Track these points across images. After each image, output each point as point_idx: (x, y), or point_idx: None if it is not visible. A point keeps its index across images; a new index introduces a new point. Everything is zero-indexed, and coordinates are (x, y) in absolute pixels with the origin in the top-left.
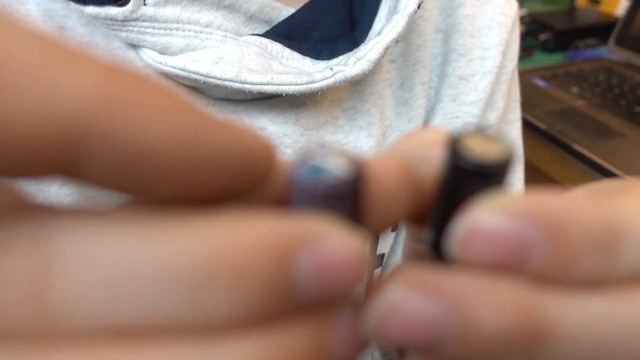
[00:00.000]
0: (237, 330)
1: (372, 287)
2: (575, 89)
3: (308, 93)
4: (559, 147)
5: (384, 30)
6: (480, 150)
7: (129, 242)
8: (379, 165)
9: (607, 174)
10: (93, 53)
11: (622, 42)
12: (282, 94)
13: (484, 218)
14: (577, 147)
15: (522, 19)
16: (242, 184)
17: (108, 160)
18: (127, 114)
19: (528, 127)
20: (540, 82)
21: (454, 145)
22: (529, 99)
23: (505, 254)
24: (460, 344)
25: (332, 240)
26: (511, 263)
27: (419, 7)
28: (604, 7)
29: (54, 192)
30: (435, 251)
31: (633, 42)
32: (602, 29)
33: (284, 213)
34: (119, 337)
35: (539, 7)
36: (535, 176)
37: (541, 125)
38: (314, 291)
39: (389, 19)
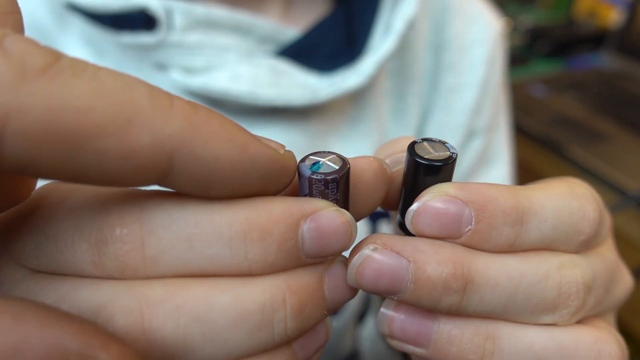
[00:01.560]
0: (266, 272)
1: (354, 247)
2: (570, 97)
3: (313, 105)
4: (553, 152)
5: (378, 48)
6: (431, 152)
7: (195, 213)
8: (360, 163)
9: (597, 175)
10: (177, 96)
11: (615, 51)
12: (290, 107)
13: (430, 201)
14: (569, 151)
15: (521, 30)
16: (274, 185)
17: (188, 172)
18: (200, 140)
19: (524, 134)
20: (537, 91)
21: (413, 149)
22: (526, 107)
23: (444, 226)
24: (413, 287)
25: (326, 214)
26: (449, 233)
27: (410, 27)
28: (601, 19)
29: None
30: (402, 228)
31: (627, 51)
32: (599, 39)
33: (295, 197)
34: (190, 277)
35: (537, 18)
36: (532, 180)
37: (536, 131)
38: (314, 248)
39: (383, 38)
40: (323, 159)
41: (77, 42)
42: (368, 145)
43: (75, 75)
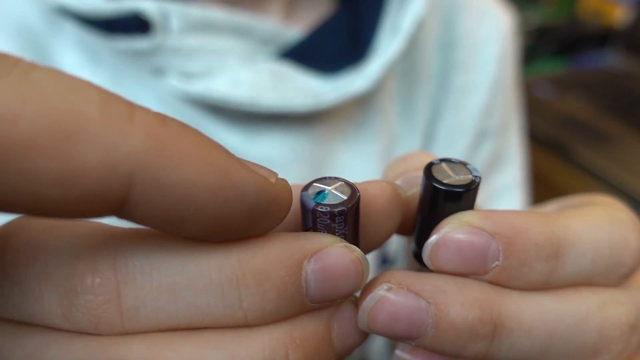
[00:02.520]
0: (265, 323)
1: (365, 287)
2: (576, 97)
3: (317, 111)
4: (559, 154)
5: (386, 49)
6: (451, 175)
7: (179, 256)
8: (372, 189)
9: (605, 179)
10: (141, 107)
11: (624, 50)
12: (293, 113)
13: (450, 232)
14: (576, 154)
15: (526, 28)
16: (263, 222)
17: (152, 202)
18: (167, 162)
19: (529, 135)
20: (542, 91)
21: (430, 172)
22: (530, 108)
23: (468, 261)
24: (434, 332)
25: (332, 252)
26: (473, 269)
27: (419, 27)
28: (606, 17)
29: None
30: (417, 259)
31: (636, 49)
32: (604, 38)
33: (296, 232)
34: (175, 331)
35: (542, 17)
36: (536, 183)
37: (542, 133)
38: (320, 292)
39: (390, 39)
40: (329, 187)
41: (70, 48)
42: (375, 150)
43: None
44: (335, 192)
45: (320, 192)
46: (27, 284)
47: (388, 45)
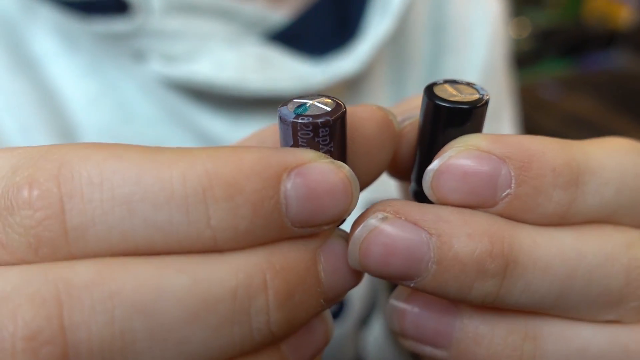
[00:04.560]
0: (239, 246)
1: (357, 218)
2: (582, 98)
3: None
4: None
5: (375, 30)
6: (455, 94)
7: (135, 164)
8: (360, 112)
9: None
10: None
11: (631, 51)
12: (280, 97)
13: (455, 157)
14: None
15: (532, 31)
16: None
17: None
18: None
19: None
20: (548, 93)
21: (432, 91)
22: (536, 108)
23: (475, 190)
24: (436, 268)
25: (317, 167)
26: (481, 199)
27: (409, 8)
28: (612, 18)
29: None
30: (418, 198)
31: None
32: (610, 39)
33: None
34: (131, 256)
35: (548, 20)
36: None
37: (549, 134)
38: (302, 212)
39: (380, 19)
40: (311, 101)
41: (47, 34)
42: None
43: None
44: (318, 104)
45: (301, 106)
46: None
47: (377, 26)
